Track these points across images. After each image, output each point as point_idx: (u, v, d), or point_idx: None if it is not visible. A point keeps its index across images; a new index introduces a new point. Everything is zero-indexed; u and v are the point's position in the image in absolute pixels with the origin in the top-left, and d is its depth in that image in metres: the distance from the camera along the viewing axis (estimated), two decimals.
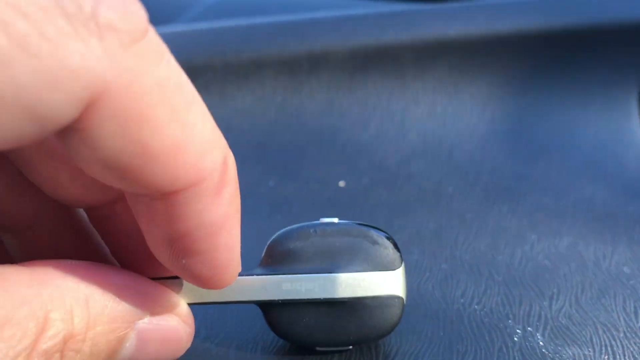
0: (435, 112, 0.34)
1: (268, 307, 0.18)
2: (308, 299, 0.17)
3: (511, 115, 0.33)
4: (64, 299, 0.14)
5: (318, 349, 0.18)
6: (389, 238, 0.18)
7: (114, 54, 0.12)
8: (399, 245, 0.18)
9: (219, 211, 0.14)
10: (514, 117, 0.33)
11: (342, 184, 0.31)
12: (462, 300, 0.21)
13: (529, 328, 0.20)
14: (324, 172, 0.32)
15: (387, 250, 0.18)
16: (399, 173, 0.31)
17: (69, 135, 0.12)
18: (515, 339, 0.19)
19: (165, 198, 0.14)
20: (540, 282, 0.22)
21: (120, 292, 0.15)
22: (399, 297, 0.18)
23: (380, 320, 0.18)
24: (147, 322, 0.16)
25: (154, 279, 0.17)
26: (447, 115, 0.34)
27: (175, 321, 0.17)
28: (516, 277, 0.23)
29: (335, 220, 0.18)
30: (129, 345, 0.16)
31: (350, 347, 0.18)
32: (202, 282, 0.16)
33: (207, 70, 0.34)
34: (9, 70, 0.11)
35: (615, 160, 0.31)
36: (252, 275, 0.17)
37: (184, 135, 0.13)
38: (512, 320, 0.20)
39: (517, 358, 0.18)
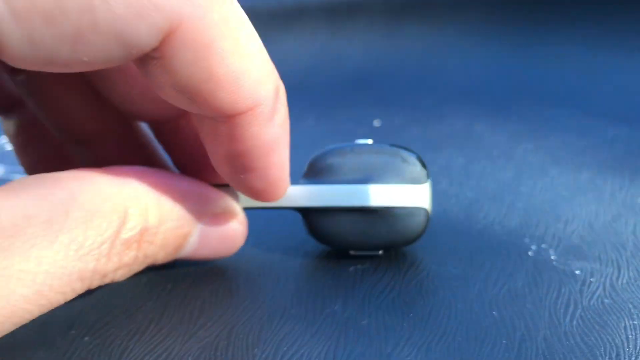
0: (468, 58, 0.35)
1: (309, 214, 0.20)
2: (343, 207, 0.20)
3: (540, 61, 0.35)
4: (140, 198, 0.17)
5: (352, 252, 0.21)
6: (417, 157, 0.20)
7: None
8: (432, 177, 0.21)
9: (271, 133, 0.17)
10: (543, 63, 0.35)
11: (377, 123, 0.33)
12: (483, 222, 0.24)
13: (542, 245, 0.22)
14: (360, 112, 0.34)
15: (415, 167, 0.20)
16: (432, 114, 0.33)
17: (148, 62, 0.14)
18: (530, 253, 0.21)
19: (226, 120, 0.16)
20: (558, 209, 0.24)
21: (186, 195, 0.18)
22: (424, 209, 0.20)
23: (407, 228, 0.20)
24: (208, 222, 0.19)
25: (213, 185, 0.19)
26: (479, 61, 0.35)
27: (231, 222, 0.19)
28: (536, 204, 0.25)
29: (370, 141, 0.21)
30: (192, 240, 0.18)
31: (380, 252, 0.21)
32: (257, 195, 0.18)
33: (250, 16, 0.36)
34: (107, 1, 0.13)
35: (639, 105, 0.33)
36: (296, 185, 0.20)
37: (244, 66, 0.15)
38: (528, 239, 0.22)
39: (529, 268, 0.21)
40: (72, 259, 0.15)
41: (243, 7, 0.16)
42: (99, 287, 0.19)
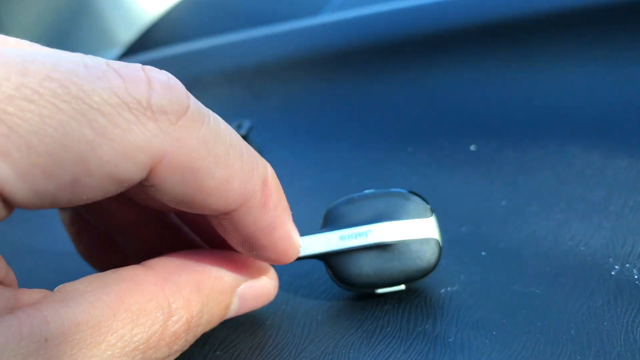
0: (560, 77, 0.36)
1: (330, 259, 0.22)
2: (360, 246, 0.22)
3: (636, 78, 0.35)
4: (182, 290, 0.19)
5: (378, 292, 0.23)
6: (419, 196, 0.23)
7: (166, 130, 0.16)
8: (521, 198, 0.23)
9: (267, 217, 0.19)
10: (638, 79, 0.35)
11: (473, 147, 0.35)
12: (570, 243, 0.25)
13: (627, 265, 0.23)
14: (456, 138, 0.36)
15: (419, 204, 0.23)
16: (525, 136, 0.35)
17: (143, 187, 0.17)
18: (613, 273, 0.23)
19: (227, 216, 0.19)
20: None
21: (222, 270, 0.21)
22: (435, 239, 0.22)
23: (422, 259, 0.22)
24: (244, 287, 0.21)
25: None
26: (572, 79, 0.36)
27: (264, 280, 0.22)
28: (623, 224, 0.26)
29: (373, 190, 0.23)
30: (234, 307, 0.21)
31: (403, 287, 0.23)
32: (274, 262, 0.21)
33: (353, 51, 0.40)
34: (96, 151, 0.15)
35: None
36: (314, 235, 0.23)
37: (227, 174, 0.18)
38: (612, 259, 0.24)
39: (611, 287, 0.22)
40: (118, 356, 0.17)
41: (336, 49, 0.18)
42: None
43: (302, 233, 0.22)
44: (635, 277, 0.22)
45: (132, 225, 0.23)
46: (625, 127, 0.33)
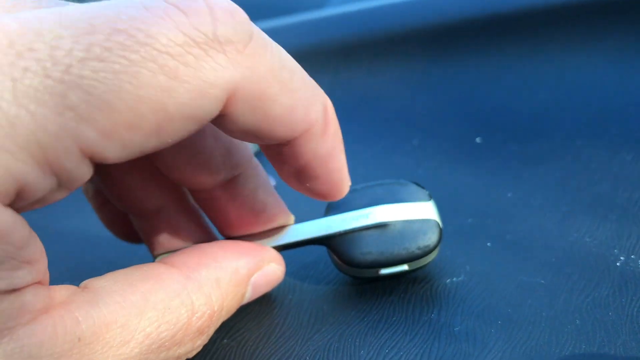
0: (565, 69, 0.36)
1: (334, 242, 0.23)
2: (362, 226, 0.22)
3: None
4: (203, 287, 0.19)
5: (381, 272, 0.23)
6: (416, 184, 0.24)
7: (235, 60, 0.16)
8: (526, 191, 0.23)
9: (326, 145, 0.19)
10: None
11: (479, 140, 0.35)
12: (576, 235, 0.25)
13: (632, 256, 0.23)
14: (462, 130, 0.36)
15: (417, 190, 0.24)
16: (531, 129, 0.35)
17: (216, 120, 0.17)
18: (618, 264, 0.23)
19: (288, 144, 0.19)
20: None
21: (237, 262, 0.21)
22: (435, 220, 0.23)
23: (423, 237, 0.22)
24: (257, 275, 0.22)
25: (243, 237, 0.23)
26: (576, 72, 0.36)
27: (272, 266, 0.22)
28: (629, 216, 0.26)
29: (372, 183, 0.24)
30: (248, 294, 0.21)
31: (406, 267, 0.23)
32: (324, 197, 0.21)
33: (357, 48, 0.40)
34: (171, 94, 0.15)
35: None
36: (318, 219, 0.23)
37: (292, 100, 0.17)
38: (617, 250, 0.24)
39: (616, 278, 0.22)
40: (146, 353, 0.17)
41: (346, 41, 0.18)
42: None
43: None
44: None
45: (151, 212, 0.23)
46: (630, 121, 0.33)
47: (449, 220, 0.27)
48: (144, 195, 0.22)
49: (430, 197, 0.24)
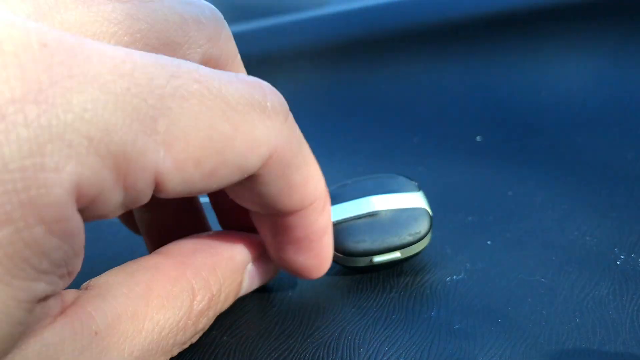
0: (566, 68, 0.36)
1: None
2: (353, 216, 0.23)
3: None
4: (201, 273, 0.20)
5: (375, 260, 0.23)
6: (404, 176, 0.25)
7: (279, 128, 0.18)
8: (527, 189, 0.23)
9: (324, 220, 0.21)
10: None
11: (479, 138, 0.35)
12: (576, 233, 0.25)
13: (632, 254, 0.23)
14: (462, 129, 0.36)
15: (407, 181, 0.24)
16: (531, 127, 0.35)
17: (248, 179, 0.18)
18: (618, 262, 0.23)
19: (294, 215, 0.20)
20: None
21: (232, 250, 0.21)
22: (424, 209, 0.23)
23: (414, 224, 0.23)
24: (252, 265, 0.22)
25: (241, 230, 0.23)
26: (578, 70, 0.36)
27: (268, 256, 0.22)
28: (629, 214, 0.26)
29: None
30: (245, 283, 0.22)
31: (399, 255, 0.23)
32: (309, 272, 0.22)
33: (357, 46, 0.40)
34: (232, 144, 0.17)
35: None
36: None
37: (308, 173, 0.19)
38: (617, 248, 0.24)
39: (616, 276, 0.22)
40: (156, 341, 0.18)
41: (344, 41, 0.19)
42: None
43: None
44: None
45: (160, 203, 0.23)
46: (631, 119, 0.33)
47: (449, 218, 0.27)
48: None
49: (420, 188, 0.24)
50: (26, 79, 0.13)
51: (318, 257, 0.21)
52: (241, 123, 0.17)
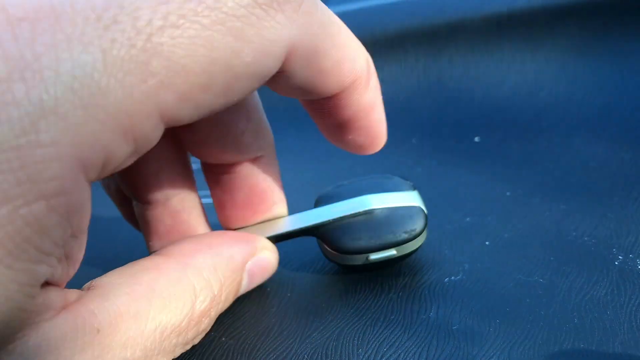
0: (564, 69, 0.36)
1: (322, 230, 0.23)
2: (349, 214, 0.23)
3: (639, 70, 0.35)
4: (202, 274, 0.20)
5: (371, 258, 0.23)
6: (399, 176, 0.25)
7: (292, 19, 0.17)
8: (525, 189, 0.24)
9: (369, 96, 0.20)
10: None
11: (477, 139, 0.35)
12: (574, 234, 0.25)
13: (630, 255, 0.23)
14: (461, 129, 0.36)
15: (402, 181, 0.25)
16: (530, 128, 0.35)
17: (274, 77, 0.18)
18: (616, 263, 0.23)
19: (335, 96, 0.20)
20: None
21: (231, 249, 0.21)
22: (419, 207, 0.23)
23: (409, 222, 0.23)
24: (251, 263, 0.22)
25: (237, 229, 0.23)
26: (576, 73, 0.36)
27: (266, 254, 0.23)
28: (627, 215, 0.26)
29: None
30: (245, 282, 0.22)
31: (395, 252, 0.23)
32: (364, 149, 0.22)
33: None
34: (238, 54, 0.16)
35: None
36: (308, 210, 0.24)
37: (341, 54, 0.18)
38: (615, 249, 0.24)
39: (614, 277, 0.22)
40: (158, 341, 0.18)
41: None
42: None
43: None
44: (639, 267, 0.22)
45: (157, 201, 0.23)
46: (629, 119, 0.33)
47: (447, 219, 0.27)
48: (155, 184, 0.23)
49: (415, 187, 0.25)
50: (8, 57, 0.13)
51: (368, 134, 0.21)
52: (246, 29, 0.16)
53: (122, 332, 0.17)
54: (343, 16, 0.44)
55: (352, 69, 0.19)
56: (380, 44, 0.41)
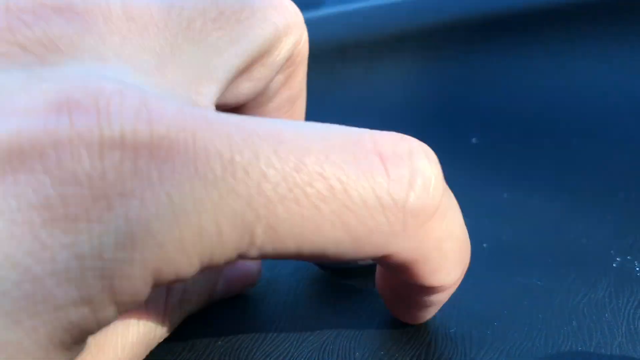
0: (561, 69, 0.36)
1: None
2: None
3: (638, 71, 0.35)
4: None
5: (360, 263, 0.23)
6: None
7: (409, 235, 0.15)
8: (523, 191, 0.24)
9: (446, 295, 0.19)
10: None
11: (474, 140, 0.35)
12: (572, 235, 0.25)
13: (628, 257, 0.23)
14: (458, 130, 0.36)
15: None
16: (528, 129, 0.35)
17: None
18: (614, 265, 0.23)
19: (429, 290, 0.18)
20: None
21: None
22: None
23: None
24: (229, 268, 0.22)
25: None
26: (574, 74, 0.36)
27: (247, 263, 0.23)
28: (626, 216, 0.26)
29: None
30: (220, 286, 0.22)
31: None
32: (415, 322, 0.21)
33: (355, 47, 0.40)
34: (339, 246, 0.14)
35: None
36: None
37: (437, 265, 0.16)
38: (613, 251, 0.24)
39: (612, 279, 0.22)
40: (142, 334, 0.19)
41: (344, 40, 0.19)
42: (235, 298, 0.23)
43: None
44: (637, 269, 0.22)
45: None
46: (628, 120, 0.33)
47: None
48: None
49: None
50: (137, 173, 0.12)
51: (425, 316, 0.20)
52: (358, 228, 0.14)
53: (112, 331, 0.18)
54: (343, 16, 0.43)
55: (443, 280, 0.17)
56: (379, 45, 0.40)
